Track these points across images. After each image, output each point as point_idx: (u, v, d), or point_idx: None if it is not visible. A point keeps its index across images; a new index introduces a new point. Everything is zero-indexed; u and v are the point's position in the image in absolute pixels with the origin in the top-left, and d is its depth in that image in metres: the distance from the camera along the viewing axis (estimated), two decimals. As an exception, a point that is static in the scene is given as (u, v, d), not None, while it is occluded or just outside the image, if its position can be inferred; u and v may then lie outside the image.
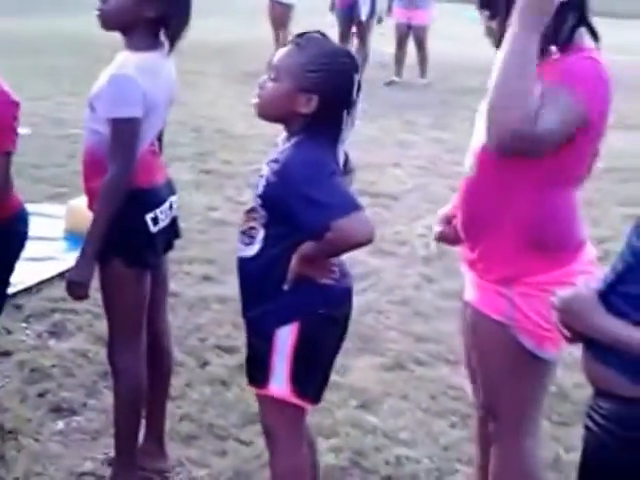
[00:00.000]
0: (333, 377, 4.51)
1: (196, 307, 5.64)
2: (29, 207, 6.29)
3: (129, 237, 3.53)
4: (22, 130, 9.13)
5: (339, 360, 4.74)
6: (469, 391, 3.50)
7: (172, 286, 5.52)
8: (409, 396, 4.70)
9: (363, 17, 14.84)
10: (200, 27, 16.53)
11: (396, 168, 9.29)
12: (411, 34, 14.76)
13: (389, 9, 15.33)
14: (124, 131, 3.41)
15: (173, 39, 3.57)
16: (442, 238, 3.37)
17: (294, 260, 2.98)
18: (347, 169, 3.21)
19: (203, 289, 5.88)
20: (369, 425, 4.41)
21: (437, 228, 3.38)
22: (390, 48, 15.16)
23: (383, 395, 4.70)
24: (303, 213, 2.88)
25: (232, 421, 4.37)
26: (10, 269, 3.91)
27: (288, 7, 15.53)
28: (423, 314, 5.73)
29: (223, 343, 5.11)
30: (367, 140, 9.94)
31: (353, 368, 4.96)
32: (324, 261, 3.04)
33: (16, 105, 3.69)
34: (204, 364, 4.95)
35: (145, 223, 3.55)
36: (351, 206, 2.86)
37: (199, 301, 5.71)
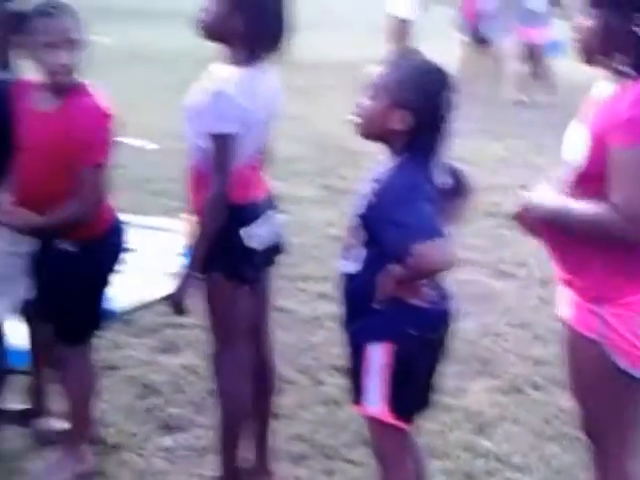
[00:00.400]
0: (448, 399, 4.51)
1: (310, 325, 5.59)
2: (148, 221, 6.39)
3: (226, 251, 3.53)
4: (147, 144, 9.33)
5: (455, 382, 4.75)
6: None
7: (286, 303, 5.57)
8: (523, 420, 4.59)
9: (490, 34, 14.70)
10: (323, 42, 16.61)
11: (522, 190, 9.09)
12: (532, 52, 14.51)
13: (510, 27, 15.13)
14: (222, 147, 3.43)
15: (265, 52, 3.56)
16: (516, 218, 3.29)
17: (382, 280, 3.00)
18: (462, 189, 3.21)
19: (318, 307, 5.81)
20: (482, 448, 4.32)
21: (517, 207, 3.31)
22: (518, 66, 14.94)
23: (498, 419, 4.60)
24: (389, 235, 2.93)
25: (344, 441, 4.32)
26: (105, 282, 3.93)
27: (404, 22, 15.42)
28: (541, 337, 5.59)
29: (337, 362, 5.02)
30: (493, 160, 9.81)
31: (469, 391, 4.88)
32: (414, 283, 3.03)
33: (109, 117, 3.71)
34: (317, 383, 4.91)
35: (240, 238, 3.54)
36: (433, 232, 2.88)
37: (313, 319, 5.66)
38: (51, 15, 3.58)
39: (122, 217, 4.01)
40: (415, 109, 2.96)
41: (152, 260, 6.05)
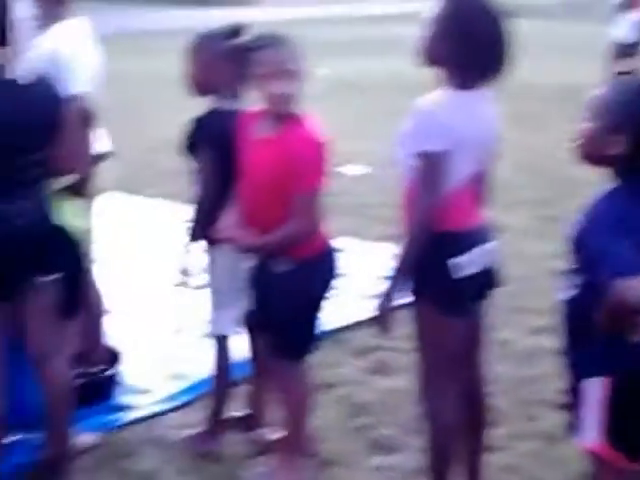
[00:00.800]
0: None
1: (527, 358, 5.45)
2: (364, 245, 6.39)
3: (432, 280, 3.51)
4: (364, 171, 9.40)
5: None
6: None
7: (503, 335, 5.50)
8: None
9: None
10: (544, 68, 16.28)
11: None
12: None
13: None
14: (429, 165, 3.40)
15: (480, 77, 3.50)
16: None
17: (596, 315, 2.86)
18: None
19: (535, 340, 5.66)
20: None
21: None
22: None
23: None
24: (592, 265, 2.83)
25: (559, 477, 4.20)
26: (315, 307, 3.99)
27: (628, 47, 14.96)
28: None
29: (554, 397, 4.85)
30: None
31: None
32: (631, 318, 2.84)
33: (323, 146, 3.81)
34: (533, 417, 4.78)
35: (447, 268, 3.47)
36: (630, 270, 2.72)
37: (530, 352, 5.51)
38: (268, 47, 3.79)
39: (338, 241, 4.12)
40: (632, 133, 2.87)
41: (365, 283, 6.06)
